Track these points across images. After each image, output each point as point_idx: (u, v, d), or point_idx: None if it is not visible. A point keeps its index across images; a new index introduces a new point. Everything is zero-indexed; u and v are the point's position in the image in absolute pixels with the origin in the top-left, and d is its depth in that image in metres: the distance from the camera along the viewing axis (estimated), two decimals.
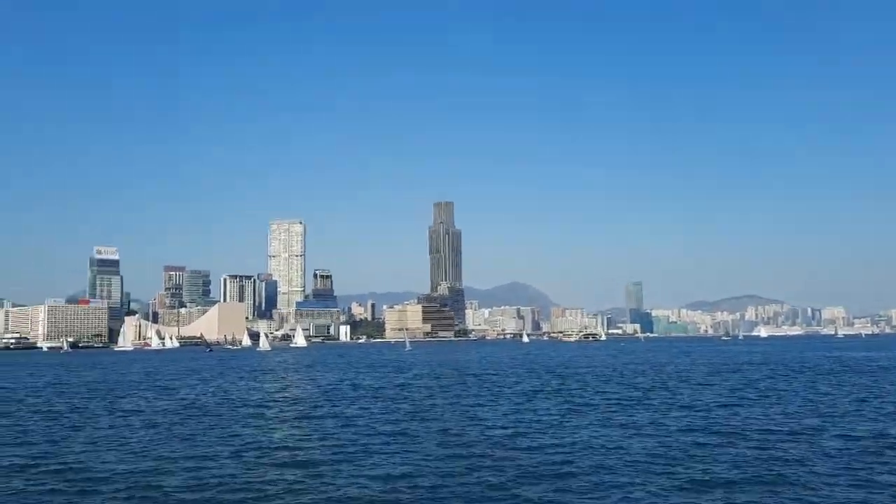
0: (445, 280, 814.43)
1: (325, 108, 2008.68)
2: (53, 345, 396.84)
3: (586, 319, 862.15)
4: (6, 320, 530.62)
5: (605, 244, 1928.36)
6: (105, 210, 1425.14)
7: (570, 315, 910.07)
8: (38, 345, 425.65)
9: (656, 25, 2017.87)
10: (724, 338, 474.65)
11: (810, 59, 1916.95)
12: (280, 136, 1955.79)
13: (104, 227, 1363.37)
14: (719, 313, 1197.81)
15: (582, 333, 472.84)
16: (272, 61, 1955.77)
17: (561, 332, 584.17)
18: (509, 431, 36.78)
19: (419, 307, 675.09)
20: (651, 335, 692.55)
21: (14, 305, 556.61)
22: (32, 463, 29.96)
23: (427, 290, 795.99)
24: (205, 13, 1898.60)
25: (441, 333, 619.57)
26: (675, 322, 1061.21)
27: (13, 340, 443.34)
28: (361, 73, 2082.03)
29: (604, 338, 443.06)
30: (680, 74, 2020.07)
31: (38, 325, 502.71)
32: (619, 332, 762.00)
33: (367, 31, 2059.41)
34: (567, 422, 40.47)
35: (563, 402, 52.04)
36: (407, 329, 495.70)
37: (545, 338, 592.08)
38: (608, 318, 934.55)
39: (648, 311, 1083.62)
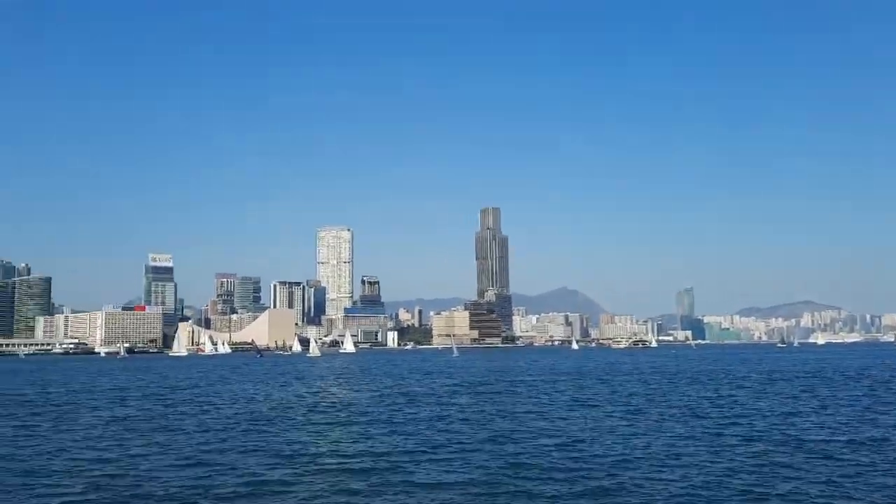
0: (493, 286, 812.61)
1: (369, 114, 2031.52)
2: (110, 350, 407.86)
3: (636, 326, 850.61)
4: (66, 326, 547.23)
5: (655, 249, 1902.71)
6: (159, 218, 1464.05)
7: (620, 321, 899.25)
8: (96, 350, 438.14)
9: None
10: (780, 345, 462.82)
11: None
12: (328, 144, 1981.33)
13: (159, 235, 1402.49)
14: (774, 320, 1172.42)
15: (632, 340, 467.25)
16: (315, 69, 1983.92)
17: (610, 339, 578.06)
18: (560, 440, 36.44)
19: (466, 313, 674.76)
20: (703, 342, 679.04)
21: (73, 312, 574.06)
22: (89, 467, 30.77)
23: (474, 297, 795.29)
24: (245, 21, 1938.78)
25: (488, 340, 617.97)
26: (728, 329, 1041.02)
27: (72, 346, 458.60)
28: (405, 80, 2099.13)
29: (654, 344, 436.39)
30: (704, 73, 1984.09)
31: (96, 331, 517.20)
32: (670, 338, 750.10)
33: (405, 34, 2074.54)
34: (619, 430, 39.92)
35: (614, 410, 51.38)
36: (454, 335, 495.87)
37: (594, 344, 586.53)
38: (658, 325, 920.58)
39: (700, 317, 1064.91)
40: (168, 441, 37.98)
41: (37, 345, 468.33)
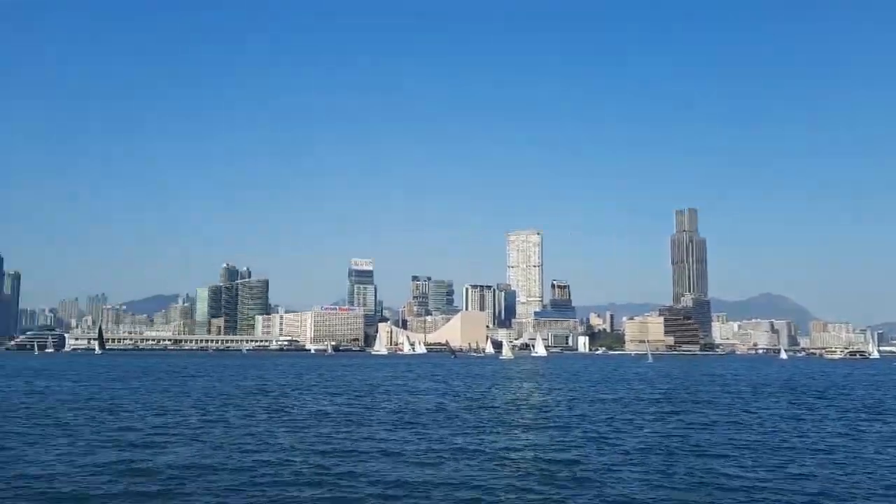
0: (689, 291, 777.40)
1: (556, 117, 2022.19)
2: (319, 347, 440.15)
3: (852, 335, 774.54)
4: (281, 325, 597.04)
5: (875, 248, 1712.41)
6: (362, 225, 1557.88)
7: (833, 329, 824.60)
8: (307, 347, 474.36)
9: None
10: None
11: None
12: (517, 148, 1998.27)
13: (361, 240, 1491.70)
14: None
15: (847, 350, 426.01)
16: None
17: (822, 348, 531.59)
18: (767, 457, 34.12)
19: (661, 319, 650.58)
20: None
21: (287, 311, 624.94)
22: (299, 460, 33.13)
23: (669, 302, 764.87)
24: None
25: (684, 347, 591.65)
26: None
27: (286, 343, 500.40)
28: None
29: (875, 355, 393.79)
30: None
31: (306, 329, 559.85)
32: (894, 349, 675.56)
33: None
34: (836, 451, 36.45)
35: (831, 427, 47.06)
36: (648, 341, 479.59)
37: (803, 354, 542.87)
38: (879, 334, 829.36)
39: None
40: (369, 435, 40.02)
41: (256, 341, 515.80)
